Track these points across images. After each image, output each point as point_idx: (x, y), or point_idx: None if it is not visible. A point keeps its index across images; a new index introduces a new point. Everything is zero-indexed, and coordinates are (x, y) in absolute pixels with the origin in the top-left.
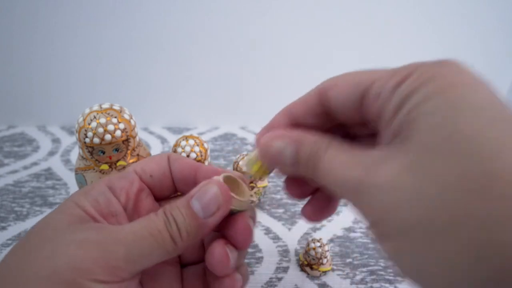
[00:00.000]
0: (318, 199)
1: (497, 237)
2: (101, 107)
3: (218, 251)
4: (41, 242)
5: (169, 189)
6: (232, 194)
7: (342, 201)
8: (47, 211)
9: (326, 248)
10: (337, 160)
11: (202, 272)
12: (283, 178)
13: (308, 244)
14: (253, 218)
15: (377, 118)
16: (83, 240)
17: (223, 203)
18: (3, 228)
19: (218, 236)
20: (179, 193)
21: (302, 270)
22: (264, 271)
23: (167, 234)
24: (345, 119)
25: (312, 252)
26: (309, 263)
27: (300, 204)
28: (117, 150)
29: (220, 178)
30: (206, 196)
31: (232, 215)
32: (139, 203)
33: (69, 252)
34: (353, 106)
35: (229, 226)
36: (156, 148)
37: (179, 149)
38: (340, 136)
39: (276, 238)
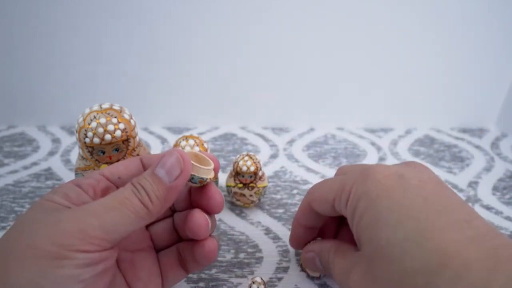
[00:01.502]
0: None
1: None
2: (101, 107)
3: (198, 216)
4: (20, 234)
5: None
6: (193, 163)
7: None
8: None
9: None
10: (338, 268)
11: (176, 253)
12: (283, 178)
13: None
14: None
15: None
16: (59, 219)
17: (184, 166)
18: (3, 228)
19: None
20: None
21: (302, 270)
22: (264, 271)
23: (136, 201)
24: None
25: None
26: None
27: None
28: (117, 150)
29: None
30: (168, 162)
31: (200, 186)
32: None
33: (48, 230)
34: (330, 212)
35: (201, 197)
36: (156, 148)
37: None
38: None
39: (276, 238)
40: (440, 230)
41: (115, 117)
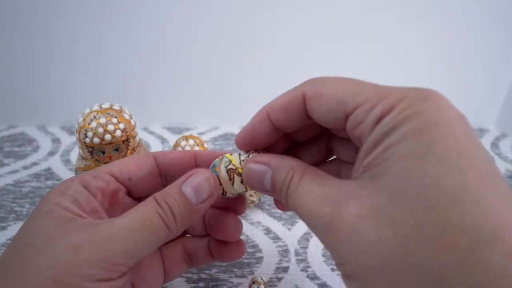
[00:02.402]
0: None
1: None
2: (101, 107)
3: (233, 219)
4: (35, 252)
5: (155, 188)
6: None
7: None
8: None
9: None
10: (308, 195)
11: (181, 248)
12: None
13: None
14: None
15: (356, 139)
16: (80, 244)
17: (214, 189)
18: (3, 228)
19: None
20: None
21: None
22: (264, 271)
23: (160, 222)
24: (329, 127)
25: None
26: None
27: None
28: (117, 150)
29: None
30: (197, 182)
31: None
32: (114, 202)
33: (67, 259)
34: (336, 122)
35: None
36: (156, 148)
37: (179, 149)
38: (324, 140)
39: (276, 238)
40: (502, 194)
41: (115, 117)
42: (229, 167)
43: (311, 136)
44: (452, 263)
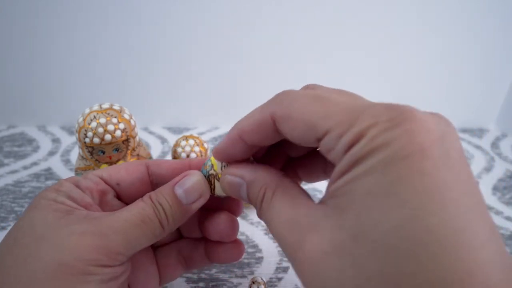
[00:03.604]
0: None
1: None
2: (101, 107)
3: (227, 217)
4: (35, 240)
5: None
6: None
7: None
8: None
9: None
10: (278, 217)
11: (176, 251)
12: None
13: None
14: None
15: (329, 161)
16: (83, 231)
17: (205, 190)
18: (3, 228)
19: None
20: None
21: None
22: (264, 271)
23: (156, 220)
24: (306, 146)
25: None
26: None
27: None
28: (117, 150)
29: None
30: (188, 184)
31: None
32: (104, 203)
33: (72, 244)
34: (310, 144)
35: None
36: (156, 148)
37: (179, 149)
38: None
39: None
40: (471, 237)
41: (115, 117)
42: (210, 172)
43: (306, 152)
44: None
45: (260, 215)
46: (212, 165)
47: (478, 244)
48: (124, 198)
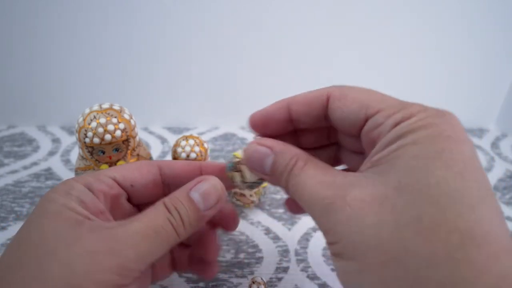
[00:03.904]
0: None
1: (431, 274)
2: (101, 107)
3: (213, 241)
4: (47, 255)
5: (156, 196)
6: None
7: None
8: None
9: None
10: (312, 179)
11: (169, 256)
12: None
13: None
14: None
15: (369, 143)
16: (96, 250)
17: (221, 196)
18: (3, 228)
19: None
20: None
21: (231, 172)
22: (264, 271)
23: (170, 228)
24: (343, 130)
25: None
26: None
27: None
28: (117, 150)
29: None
30: (205, 188)
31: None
32: (115, 207)
33: (83, 265)
34: (353, 123)
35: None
36: (156, 148)
37: (179, 149)
38: (333, 151)
39: (276, 238)
40: (497, 207)
41: (115, 117)
42: (235, 160)
43: (320, 146)
44: (442, 254)
45: (286, 182)
46: (235, 156)
47: (493, 217)
48: (136, 200)
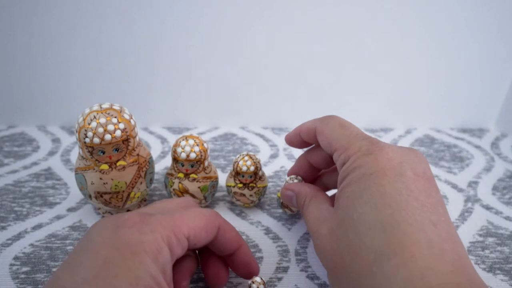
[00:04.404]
0: None
1: (360, 283)
2: (101, 107)
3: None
4: None
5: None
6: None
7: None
8: (47, 211)
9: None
10: (311, 214)
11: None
12: (283, 178)
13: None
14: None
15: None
16: None
17: None
18: (3, 228)
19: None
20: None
21: (282, 206)
22: (264, 271)
23: None
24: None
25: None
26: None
27: None
28: (117, 150)
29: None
30: None
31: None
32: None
33: None
34: (329, 153)
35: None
36: (156, 148)
37: (179, 149)
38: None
39: (276, 238)
40: (408, 225)
41: (115, 117)
42: (281, 201)
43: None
44: (365, 270)
45: (302, 214)
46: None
47: (418, 228)
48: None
